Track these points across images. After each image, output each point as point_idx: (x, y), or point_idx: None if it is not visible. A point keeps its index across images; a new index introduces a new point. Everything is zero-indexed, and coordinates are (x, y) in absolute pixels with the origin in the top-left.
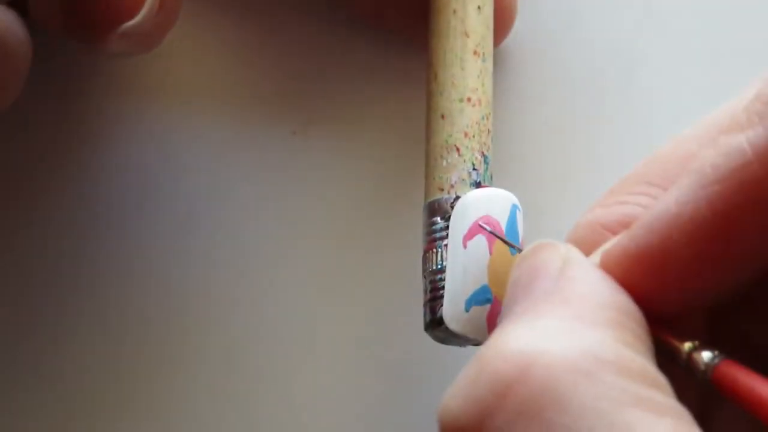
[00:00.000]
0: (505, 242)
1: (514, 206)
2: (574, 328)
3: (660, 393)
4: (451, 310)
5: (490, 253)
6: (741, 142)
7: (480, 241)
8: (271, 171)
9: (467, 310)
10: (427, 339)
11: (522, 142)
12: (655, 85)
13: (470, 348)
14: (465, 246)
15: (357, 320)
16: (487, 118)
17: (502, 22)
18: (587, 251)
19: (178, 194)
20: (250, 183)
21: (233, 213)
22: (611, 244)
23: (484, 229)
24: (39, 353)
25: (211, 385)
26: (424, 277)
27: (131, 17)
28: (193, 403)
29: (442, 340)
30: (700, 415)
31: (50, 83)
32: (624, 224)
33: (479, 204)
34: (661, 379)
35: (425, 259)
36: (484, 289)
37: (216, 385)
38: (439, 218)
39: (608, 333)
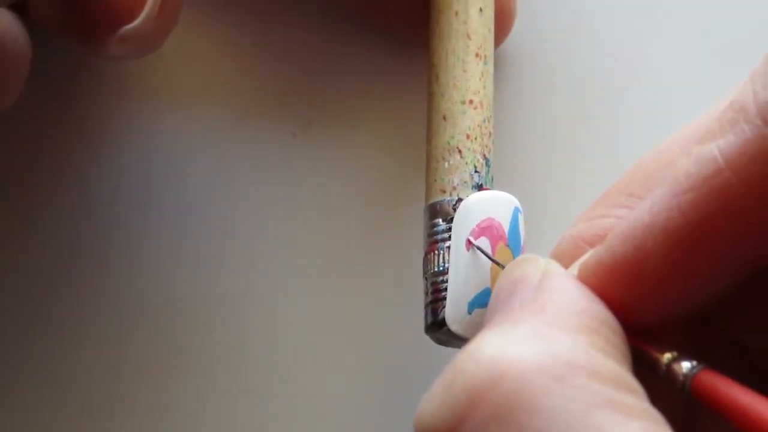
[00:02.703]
0: (495, 262)
1: (516, 209)
2: (546, 334)
3: (632, 396)
4: (454, 312)
5: (493, 255)
6: (712, 150)
7: (483, 243)
8: (272, 173)
9: (470, 313)
10: (427, 341)
11: (521, 144)
12: (655, 86)
13: None
14: (468, 248)
15: (357, 321)
16: (489, 121)
17: (502, 24)
18: (569, 265)
19: (178, 196)
20: (251, 185)
21: (234, 214)
22: (587, 256)
23: (474, 246)
24: (40, 353)
25: (211, 386)
26: (425, 278)
27: (131, 20)
28: (193, 404)
29: (443, 342)
30: (684, 427)
31: (50, 83)
32: (604, 238)
33: (482, 206)
34: (634, 383)
35: (426, 261)
36: (486, 292)
37: (216, 386)
38: (440, 220)
39: (581, 338)
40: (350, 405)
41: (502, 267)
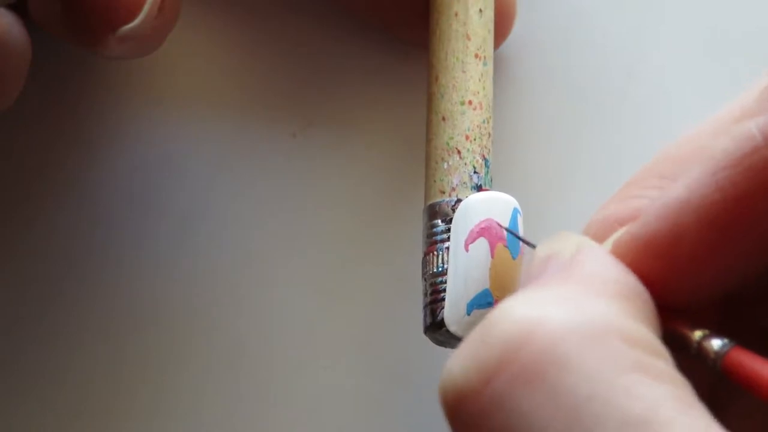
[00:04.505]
0: (527, 243)
1: (515, 210)
2: (579, 298)
3: (662, 361)
4: (453, 313)
5: (492, 256)
6: (750, 127)
7: (482, 244)
8: (272, 173)
9: (468, 314)
10: (426, 342)
11: (521, 145)
12: (655, 86)
13: None
14: (467, 249)
15: (357, 322)
16: (488, 122)
17: (502, 25)
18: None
19: (178, 196)
20: (251, 185)
21: (233, 215)
22: (622, 231)
23: (505, 230)
24: (40, 353)
25: (211, 386)
26: (424, 279)
27: (130, 20)
28: (192, 404)
29: (442, 343)
30: (712, 407)
31: (50, 84)
32: (636, 217)
33: (481, 207)
34: (663, 350)
35: (425, 262)
36: (485, 293)
37: (215, 386)
38: (439, 221)
39: (614, 304)
40: (350, 405)
41: (533, 247)
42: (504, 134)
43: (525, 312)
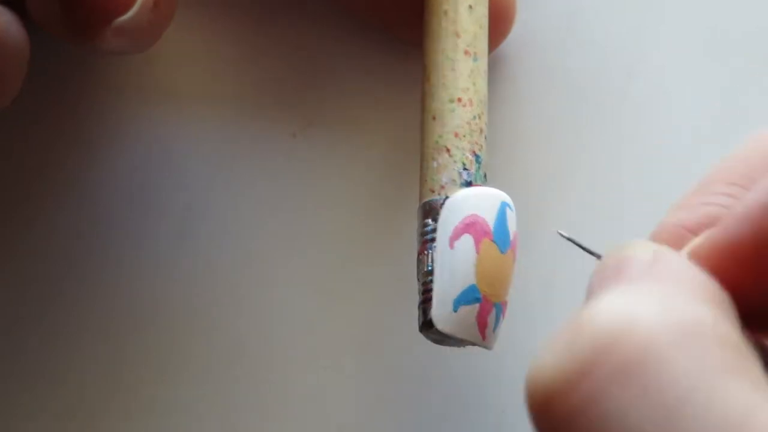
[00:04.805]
0: (591, 253)
1: (504, 204)
2: (673, 300)
3: (755, 366)
4: (440, 311)
5: (477, 252)
6: None
7: (467, 240)
8: (272, 173)
9: (456, 311)
10: (426, 341)
11: (521, 144)
12: (654, 86)
13: (468, 348)
14: (452, 246)
15: (357, 322)
16: (480, 117)
17: (502, 24)
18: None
19: (178, 196)
20: (251, 185)
21: (233, 214)
22: (701, 238)
23: (562, 236)
24: (39, 353)
25: (211, 386)
26: (418, 279)
27: (125, 11)
28: (193, 404)
29: (438, 342)
30: None
31: (50, 84)
32: (707, 226)
33: (465, 204)
34: (754, 354)
35: (419, 262)
36: (472, 289)
37: (215, 386)
38: (430, 220)
39: (706, 307)
40: (350, 405)
41: (599, 257)
42: (504, 134)
43: (620, 309)
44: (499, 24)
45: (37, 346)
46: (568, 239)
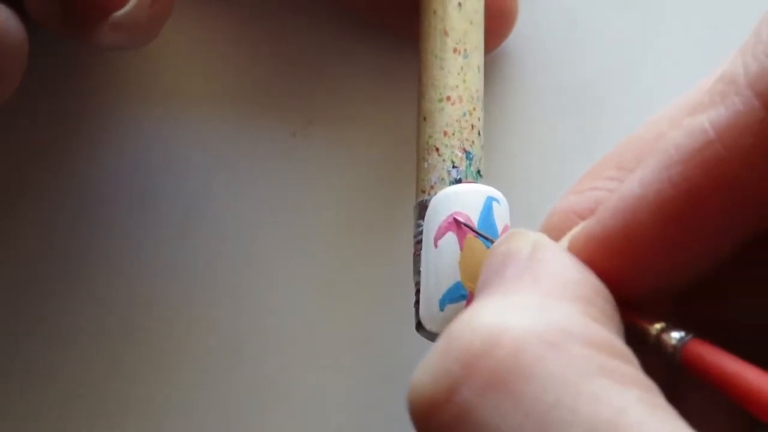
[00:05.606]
0: (478, 233)
1: (490, 198)
2: (541, 303)
3: (627, 365)
4: (427, 311)
5: (461, 249)
6: (703, 122)
7: (450, 238)
8: (271, 172)
9: (442, 309)
10: (426, 341)
11: (521, 143)
12: (655, 86)
13: None
14: (436, 245)
15: (356, 322)
16: (471, 114)
17: (503, 24)
18: (559, 238)
19: (178, 195)
20: (250, 184)
21: (233, 214)
22: (578, 228)
23: (458, 222)
24: (39, 353)
25: (210, 386)
26: (414, 279)
27: (122, 5)
28: (192, 403)
29: (435, 340)
30: (672, 397)
31: (50, 84)
32: (594, 210)
33: (448, 201)
34: (628, 352)
35: (414, 262)
36: (457, 286)
37: (215, 386)
38: (422, 221)
39: (575, 307)
40: (350, 405)
41: (491, 243)
42: (503, 133)
43: (487, 320)
44: (499, 24)
45: (37, 346)
46: (465, 225)
